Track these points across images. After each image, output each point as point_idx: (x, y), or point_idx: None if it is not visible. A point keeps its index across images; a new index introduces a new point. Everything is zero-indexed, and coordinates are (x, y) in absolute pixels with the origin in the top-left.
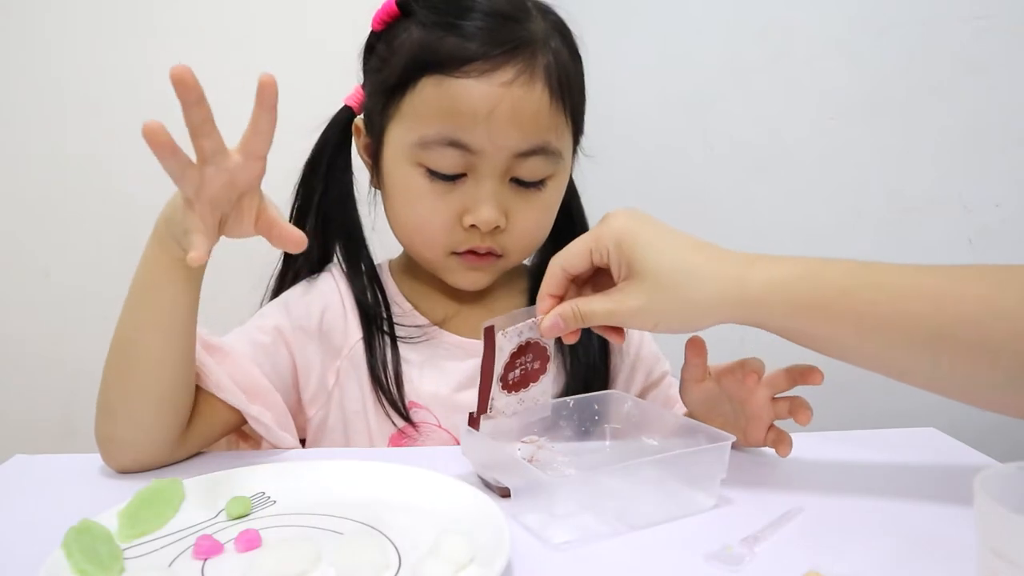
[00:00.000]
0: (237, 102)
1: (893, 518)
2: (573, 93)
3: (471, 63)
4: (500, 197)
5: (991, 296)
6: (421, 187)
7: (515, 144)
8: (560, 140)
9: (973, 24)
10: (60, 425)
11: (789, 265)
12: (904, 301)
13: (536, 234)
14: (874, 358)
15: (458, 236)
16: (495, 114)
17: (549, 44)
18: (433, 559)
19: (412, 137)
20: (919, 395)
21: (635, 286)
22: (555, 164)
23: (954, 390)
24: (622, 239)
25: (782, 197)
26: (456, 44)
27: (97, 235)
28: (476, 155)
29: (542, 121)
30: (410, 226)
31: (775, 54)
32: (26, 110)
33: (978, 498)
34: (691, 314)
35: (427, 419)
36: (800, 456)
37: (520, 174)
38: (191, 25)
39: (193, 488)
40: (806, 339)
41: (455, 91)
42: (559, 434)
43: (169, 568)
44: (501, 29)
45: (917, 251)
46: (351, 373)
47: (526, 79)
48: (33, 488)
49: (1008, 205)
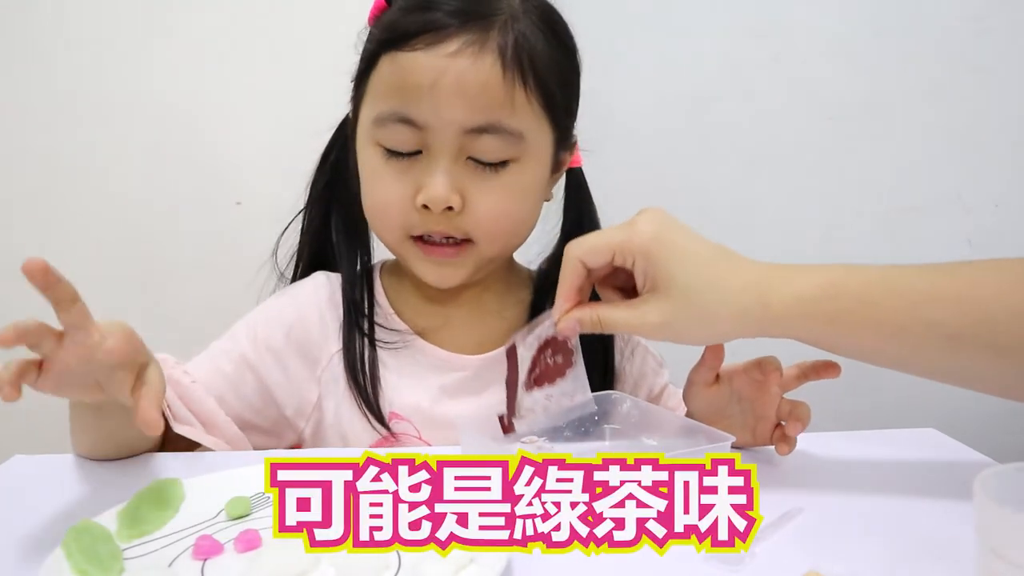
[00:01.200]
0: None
1: (893, 518)
2: (541, 76)
3: (419, 36)
4: (453, 176)
5: (1009, 294)
6: (378, 167)
7: (461, 118)
8: (518, 120)
9: (973, 24)
10: (60, 425)
11: (808, 277)
12: (924, 307)
13: (501, 219)
14: (894, 360)
15: (413, 218)
16: (439, 86)
17: (516, 22)
18: (433, 559)
19: (371, 115)
20: (919, 395)
21: (660, 301)
22: (515, 146)
23: (975, 383)
24: (650, 251)
25: (782, 197)
26: (408, 19)
27: (97, 235)
28: (425, 131)
29: (492, 95)
30: (370, 208)
31: (775, 54)
32: (26, 110)
33: (978, 498)
34: (714, 330)
35: (408, 431)
36: (800, 456)
37: (475, 153)
38: (193, 26)
39: (193, 488)
40: (825, 346)
41: (403, 64)
42: (559, 435)
43: (169, 568)
44: (466, 5)
45: (917, 251)
46: (333, 383)
47: (475, 50)
48: (33, 488)
49: (1008, 205)
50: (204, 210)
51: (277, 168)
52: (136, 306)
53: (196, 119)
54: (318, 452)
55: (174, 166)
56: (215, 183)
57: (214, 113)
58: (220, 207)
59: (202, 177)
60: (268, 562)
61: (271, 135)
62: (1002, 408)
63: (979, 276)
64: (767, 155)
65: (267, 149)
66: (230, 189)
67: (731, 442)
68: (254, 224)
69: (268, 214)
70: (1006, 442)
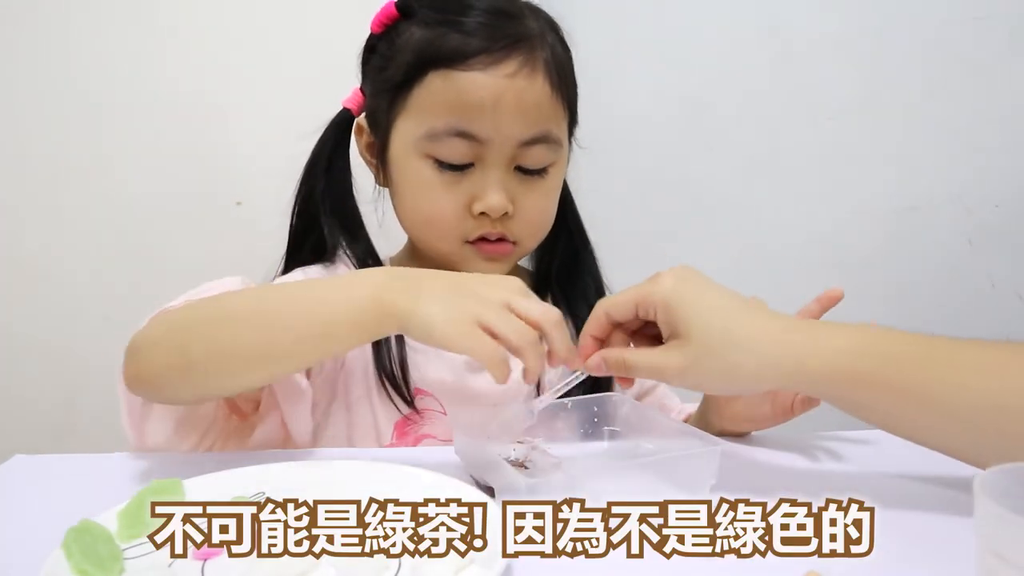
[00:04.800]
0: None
1: (893, 518)
2: (569, 85)
3: (476, 56)
4: (507, 184)
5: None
6: (431, 178)
7: (520, 133)
8: (560, 129)
9: (973, 24)
10: (60, 425)
11: (847, 337)
12: (964, 374)
13: (542, 220)
14: (928, 433)
15: (469, 224)
16: (500, 104)
17: (546, 39)
18: (433, 560)
19: (420, 130)
20: None
21: (682, 348)
22: (556, 152)
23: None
24: (669, 301)
25: (782, 197)
26: (460, 40)
27: (97, 235)
28: (483, 145)
29: (544, 111)
30: (422, 218)
31: (775, 54)
32: (26, 110)
33: (978, 498)
34: (737, 380)
35: (432, 406)
36: (801, 456)
37: (524, 162)
38: (192, 26)
39: (193, 488)
40: (863, 413)
41: (462, 84)
42: (557, 436)
43: (169, 568)
44: (501, 26)
45: (917, 251)
46: (356, 360)
47: (528, 71)
48: (33, 488)
49: (1008, 205)
50: (204, 210)
51: (277, 168)
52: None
53: (196, 119)
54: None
55: (174, 166)
56: (215, 183)
57: (214, 113)
58: (220, 207)
59: (203, 177)
60: (268, 562)
61: (271, 135)
62: None
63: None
64: (767, 155)
65: (267, 149)
66: (230, 189)
67: (720, 447)
68: (254, 224)
69: (268, 214)
70: None
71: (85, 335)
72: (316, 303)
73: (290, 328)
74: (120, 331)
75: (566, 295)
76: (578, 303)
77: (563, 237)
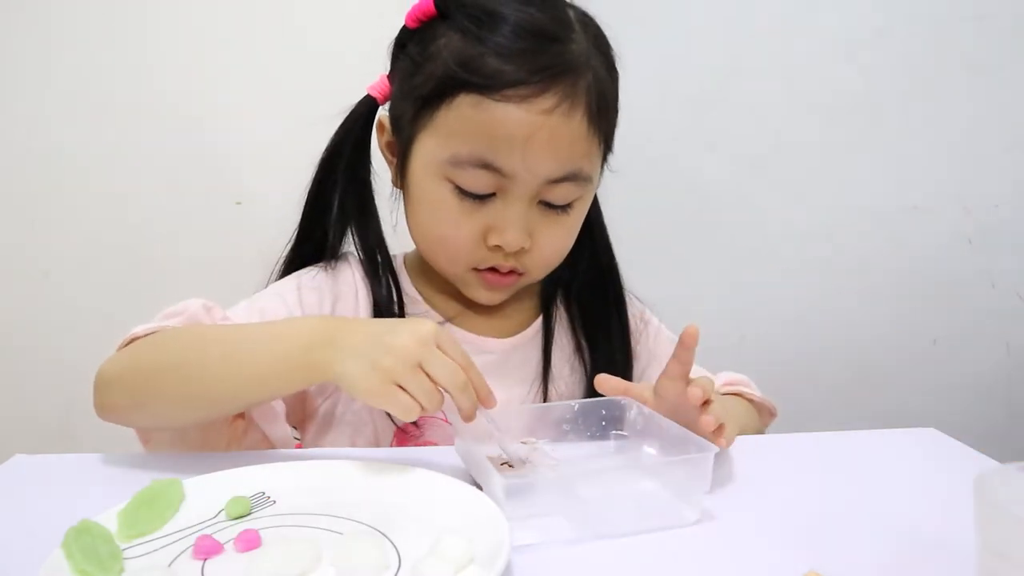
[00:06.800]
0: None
1: (893, 518)
2: (609, 114)
3: (512, 87)
4: (527, 220)
5: None
6: (448, 203)
7: (549, 171)
8: (591, 165)
9: (973, 24)
10: (60, 425)
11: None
12: None
13: (559, 254)
14: None
15: (481, 253)
16: (532, 141)
17: (590, 64)
18: (433, 559)
19: (444, 153)
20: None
21: None
22: (583, 188)
23: None
24: None
25: (782, 197)
26: (497, 64)
27: (97, 236)
28: (508, 179)
29: (578, 149)
30: (433, 239)
31: (775, 54)
32: (26, 110)
33: (978, 498)
34: None
35: (435, 413)
36: (801, 456)
37: (549, 198)
38: (192, 26)
39: (193, 488)
40: None
41: (494, 114)
42: (562, 438)
43: (169, 568)
44: (544, 51)
45: (917, 251)
46: None
47: (567, 107)
48: (33, 488)
49: (1008, 205)
50: (204, 210)
51: (277, 168)
52: (136, 306)
53: (196, 119)
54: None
55: (174, 166)
56: (215, 183)
57: (214, 113)
58: (220, 207)
59: (202, 177)
60: (268, 562)
61: (271, 135)
62: (1002, 408)
63: None
64: (767, 155)
65: (267, 149)
66: (230, 189)
67: (715, 452)
68: (254, 224)
69: (268, 214)
70: (1006, 442)
71: (85, 335)
72: (249, 356)
73: (226, 379)
74: (120, 331)
75: (584, 317)
76: (596, 334)
77: (587, 253)
